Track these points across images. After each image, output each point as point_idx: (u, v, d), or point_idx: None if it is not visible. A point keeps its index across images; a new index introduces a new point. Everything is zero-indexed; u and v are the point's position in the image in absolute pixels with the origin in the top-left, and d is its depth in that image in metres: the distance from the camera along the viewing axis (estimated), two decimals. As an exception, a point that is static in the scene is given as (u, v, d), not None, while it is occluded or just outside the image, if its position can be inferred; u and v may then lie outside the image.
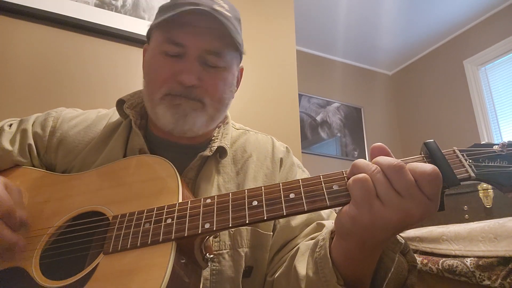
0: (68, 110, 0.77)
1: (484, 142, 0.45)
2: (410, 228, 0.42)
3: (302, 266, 0.56)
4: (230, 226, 0.45)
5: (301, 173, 0.78)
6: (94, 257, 0.49)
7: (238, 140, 0.77)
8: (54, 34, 1.30)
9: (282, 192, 0.45)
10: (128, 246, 0.47)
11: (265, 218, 0.44)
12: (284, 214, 0.43)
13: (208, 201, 0.48)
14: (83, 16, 1.33)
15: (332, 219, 0.68)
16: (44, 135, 0.70)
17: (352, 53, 3.81)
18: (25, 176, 0.65)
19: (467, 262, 1.12)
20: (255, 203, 0.45)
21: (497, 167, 0.42)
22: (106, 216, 0.52)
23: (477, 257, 1.11)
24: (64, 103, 1.24)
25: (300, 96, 3.50)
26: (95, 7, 1.36)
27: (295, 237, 0.67)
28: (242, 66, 0.76)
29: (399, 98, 4.05)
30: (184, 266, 0.47)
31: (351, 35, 3.50)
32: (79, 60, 1.32)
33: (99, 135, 0.71)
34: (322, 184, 0.44)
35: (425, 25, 3.37)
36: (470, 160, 0.43)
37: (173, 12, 0.60)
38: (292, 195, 0.44)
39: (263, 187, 0.47)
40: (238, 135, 0.78)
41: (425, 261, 1.28)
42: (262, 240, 0.66)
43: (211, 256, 0.51)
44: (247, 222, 0.44)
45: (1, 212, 0.50)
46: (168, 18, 0.61)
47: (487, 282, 1.05)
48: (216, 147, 0.69)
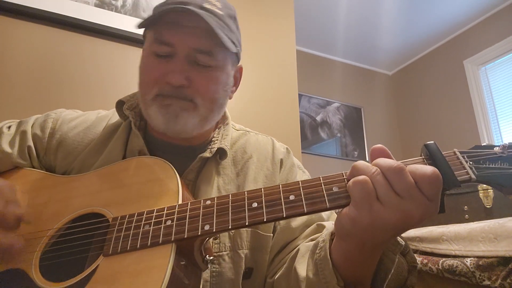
0: (68, 112, 0.76)
1: (485, 144, 0.45)
2: (410, 229, 0.42)
3: (302, 267, 0.56)
4: (229, 227, 0.45)
5: (301, 174, 0.78)
6: (94, 259, 0.49)
7: (238, 141, 0.76)
8: (54, 34, 1.30)
9: (282, 194, 0.45)
10: (128, 248, 0.47)
11: (264, 220, 0.44)
12: (284, 216, 0.43)
13: (208, 202, 0.48)
14: (83, 16, 1.33)
15: (333, 220, 0.68)
16: (44, 136, 0.70)
17: (352, 53, 3.80)
18: (25, 178, 0.65)
19: (467, 262, 1.12)
20: (255, 204, 0.45)
21: (498, 168, 0.42)
22: (106, 218, 0.52)
23: (477, 257, 1.11)
24: (64, 103, 1.24)
25: (300, 96, 3.50)
26: (95, 7, 1.36)
27: (295, 238, 0.67)
28: (240, 66, 0.75)
29: (399, 98, 4.05)
30: (184, 268, 0.47)
31: (351, 35, 3.50)
32: (79, 60, 1.32)
33: (99, 137, 0.70)
34: (322, 186, 0.44)
35: (425, 25, 3.36)
36: (471, 162, 0.43)
37: (158, 11, 0.60)
38: (292, 197, 0.44)
39: (262, 189, 0.46)
40: (238, 136, 0.78)
41: (425, 261, 1.28)
42: (262, 242, 0.66)
43: (211, 258, 0.51)
44: (246, 223, 0.44)
45: None
46: (151, 18, 0.60)
47: (487, 282, 1.05)
48: (216, 148, 0.69)
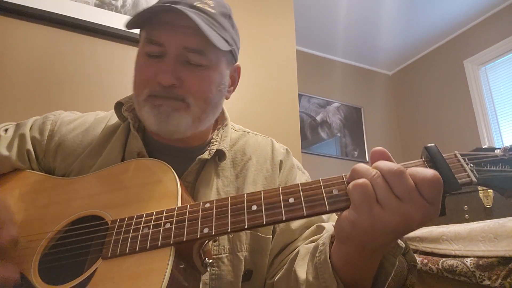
0: (66, 113, 0.76)
1: (486, 146, 0.45)
2: (411, 232, 0.42)
3: (302, 270, 0.55)
4: (229, 230, 0.44)
5: (301, 175, 0.78)
6: (93, 261, 0.48)
7: (237, 142, 0.76)
8: (54, 34, 1.30)
9: (281, 197, 0.45)
10: (127, 251, 0.46)
11: (264, 223, 0.43)
12: (284, 219, 0.43)
13: (207, 205, 0.47)
14: (83, 16, 1.33)
15: (332, 221, 0.68)
16: (43, 139, 0.70)
17: (352, 53, 3.80)
18: (25, 180, 0.65)
19: (467, 262, 1.12)
20: (254, 207, 0.45)
21: (499, 171, 0.41)
22: (105, 221, 0.52)
23: (477, 257, 1.11)
24: (64, 103, 1.24)
25: (300, 96, 3.49)
26: (95, 7, 1.36)
27: (295, 239, 0.67)
28: (238, 65, 0.74)
29: (399, 98, 4.04)
30: (183, 271, 0.47)
31: (351, 35, 3.50)
32: (79, 60, 1.31)
33: (97, 138, 0.70)
34: (321, 188, 0.44)
35: (425, 25, 3.36)
36: (472, 165, 0.42)
37: (146, 11, 0.59)
38: (291, 200, 0.44)
39: (262, 192, 0.46)
40: (238, 137, 0.77)
41: (425, 261, 1.28)
42: (262, 244, 0.66)
43: (210, 261, 0.51)
44: (246, 226, 0.44)
45: None
46: (135, 18, 0.60)
47: (487, 282, 1.05)
48: (215, 150, 0.68)
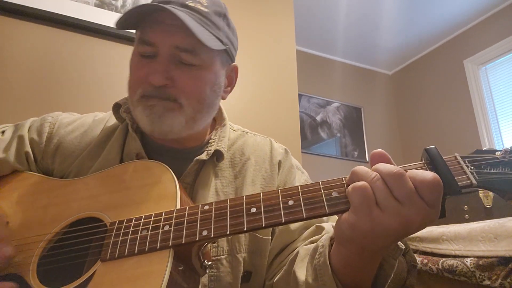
0: (65, 115, 0.76)
1: (486, 148, 0.44)
2: (411, 234, 0.42)
3: (302, 271, 0.55)
4: (228, 233, 0.44)
5: (300, 175, 0.77)
6: (91, 264, 0.48)
7: (236, 142, 0.76)
8: (54, 34, 1.30)
9: (280, 199, 0.44)
10: (126, 253, 0.46)
11: (263, 226, 0.43)
12: (283, 221, 0.43)
13: (206, 207, 0.47)
14: (83, 16, 1.33)
15: (331, 221, 0.68)
16: (41, 141, 0.69)
17: (352, 53, 3.80)
18: (23, 181, 0.65)
19: (467, 262, 1.12)
20: (253, 210, 0.45)
21: (499, 174, 0.41)
22: (103, 223, 0.52)
23: (477, 257, 1.11)
24: (64, 103, 1.24)
25: (300, 96, 3.49)
26: (95, 7, 1.36)
27: (294, 240, 0.67)
28: (235, 65, 0.74)
29: (399, 98, 4.04)
30: (182, 273, 0.46)
31: (351, 35, 3.50)
32: (79, 60, 1.31)
33: (96, 140, 0.70)
34: (321, 191, 0.44)
35: (425, 24, 3.36)
36: (472, 167, 0.42)
37: (135, 11, 0.59)
38: (291, 202, 0.44)
39: (261, 194, 0.46)
40: (236, 137, 0.77)
41: (425, 261, 1.28)
42: (261, 245, 0.66)
43: (209, 263, 0.51)
44: (245, 229, 0.44)
45: None
46: (126, 17, 0.59)
47: (487, 282, 1.05)
48: (212, 150, 0.68)
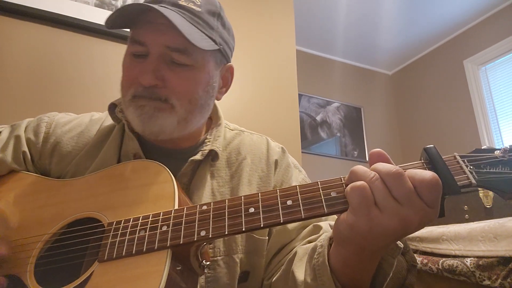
0: (61, 115, 0.75)
1: (485, 147, 0.44)
2: (410, 234, 0.42)
3: (300, 271, 0.55)
4: (226, 233, 0.44)
5: (297, 173, 0.77)
6: (89, 264, 0.48)
7: (232, 141, 0.75)
8: (54, 34, 1.30)
9: (279, 199, 0.44)
10: (123, 254, 0.46)
11: (261, 226, 0.43)
12: (281, 221, 0.43)
13: (204, 208, 0.47)
14: (83, 16, 1.32)
15: (330, 221, 0.68)
16: (38, 141, 0.69)
17: (352, 53, 3.80)
18: (21, 182, 0.65)
19: (467, 262, 1.12)
20: (251, 210, 0.44)
21: (498, 173, 0.41)
22: (101, 223, 0.52)
23: (477, 257, 1.11)
24: (63, 103, 1.24)
25: (300, 96, 3.49)
26: (95, 7, 1.36)
27: (292, 240, 0.66)
28: (230, 65, 0.73)
29: (399, 98, 4.04)
30: (180, 273, 0.46)
31: (351, 35, 3.50)
32: (79, 60, 1.31)
33: (93, 140, 0.70)
34: (320, 190, 0.43)
35: (425, 24, 3.36)
36: (471, 167, 0.42)
37: (125, 10, 0.58)
38: (289, 202, 0.44)
39: (259, 194, 0.46)
40: (233, 136, 0.76)
41: (425, 261, 1.28)
42: (258, 245, 0.66)
43: (208, 263, 0.51)
44: (243, 229, 0.43)
45: None
46: (116, 16, 0.59)
47: (487, 282, 1.05)
48: (207, 150, 0.68)
